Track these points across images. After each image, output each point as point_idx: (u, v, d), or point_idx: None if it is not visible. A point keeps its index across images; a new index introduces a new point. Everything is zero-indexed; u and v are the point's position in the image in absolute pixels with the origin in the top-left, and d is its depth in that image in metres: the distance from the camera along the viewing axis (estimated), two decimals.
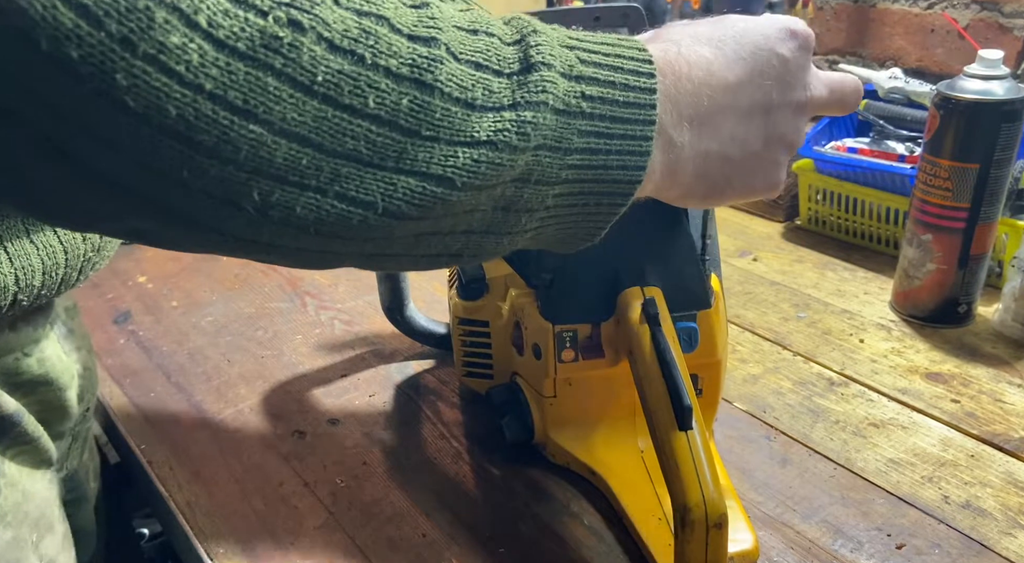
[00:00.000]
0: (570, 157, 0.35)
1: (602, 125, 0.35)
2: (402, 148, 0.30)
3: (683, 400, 0.45)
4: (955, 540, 0.55)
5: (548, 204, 0.36)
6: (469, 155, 0.32)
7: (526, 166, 0.34)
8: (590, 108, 0.35)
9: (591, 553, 0.54)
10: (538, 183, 0.34)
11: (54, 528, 0.55)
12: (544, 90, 0.33)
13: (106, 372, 0.76)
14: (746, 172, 0.42)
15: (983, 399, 0.68)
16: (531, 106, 0.33)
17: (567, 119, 0.34)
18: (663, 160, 0.38)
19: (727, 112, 0.39)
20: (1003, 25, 1.05)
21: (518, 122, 0.32)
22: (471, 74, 0.32)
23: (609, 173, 0.36)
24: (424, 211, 0.32)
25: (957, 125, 0.71)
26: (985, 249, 0.76)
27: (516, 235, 0.36)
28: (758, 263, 0.93)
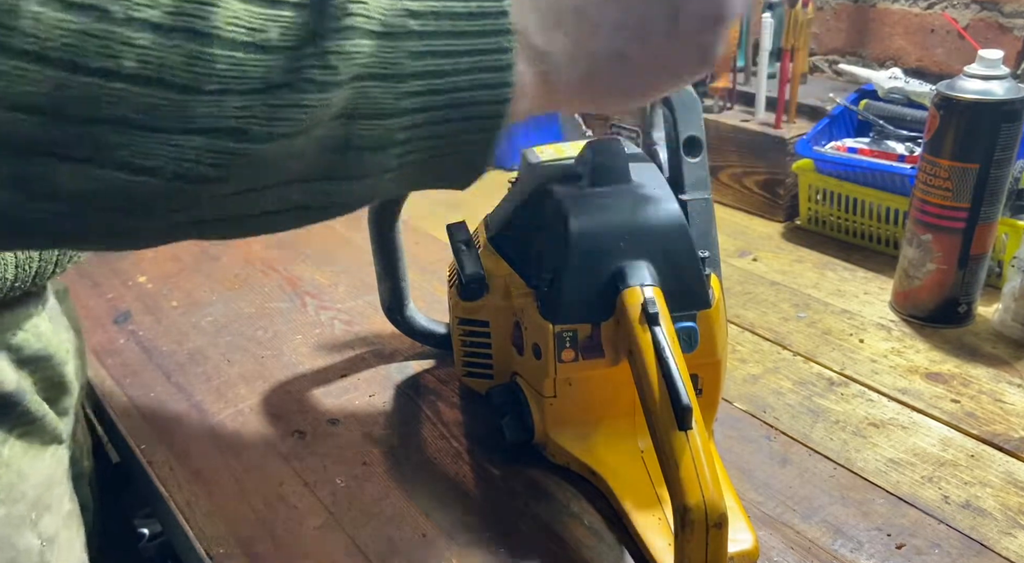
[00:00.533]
0: (406, 84, 0.31)
1: (440, 43, 0.32)
2: (182, 106, 0.27)
3: (683, 400, 0.45)
4: (955, 540, 0.55)
5: (398, 139, 0.32)
6: (264, 100, 0.29)
7: (346, 101, 0.31)
8: (420, 26, 0.31)
9: (591, 553, 0.54)
10: (370, 117, 0.31)
11: (57, 507, 0.55)
12: (350, 14, 0.30)
13: (106, 372, 0.76)
14: (655, 64, 0.38)
15: (983, 399, 0.68)
16: (336, 34, 0.29)
17: (391, 42, 0.31)
18: (535, 72, 0.35)
19: (602, 3, 0.35)
20: (1003, 25, 1.05)
21: (321, 55, 0.29)
22: (261, 12, 0.28)
23: (465, 95, 0.32)
24: (224, 169, 0.29)
25: (957, 125, 0.71)
26: (985, 249, 0.76)
27: (371, 178, 0.33)
28: (758, 263, 0.93)
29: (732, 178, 1.06)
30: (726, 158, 1.06)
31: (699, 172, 0.59)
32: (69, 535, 0.56)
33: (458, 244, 0.64)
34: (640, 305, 0.50)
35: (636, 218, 0.54)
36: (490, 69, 0.33)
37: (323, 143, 0.31)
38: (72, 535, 0.57)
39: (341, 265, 0.93)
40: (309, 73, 0.29)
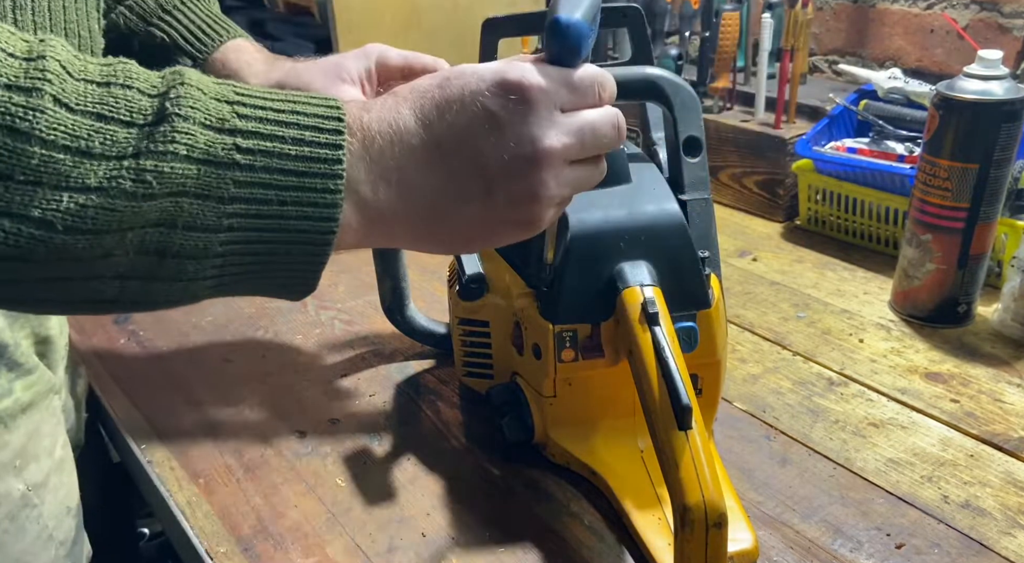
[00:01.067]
0: (229, 206, 0.36)
1: (267, 177, 0.36)
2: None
3: (682, 400, 0.45)
4: (954, 540, 0.55)
5: (218, 251, 0.37)
6: (75, 200, 0.33)
7: (163, 213, 0.35)
8: (247, 160, 0.36)
9: (591, 553, 0.54)
10: (190, 229, 0.35)
11: (46, 455, 0.58)
12: (173, 140, 0.34)
13: (106, 372, 0.76)
14: (479, 226, 0.42)
15: (982, 399, 0.69)
16: (155, 155, 0.34)
17: (215, 169, 0.35)
18: (360, 215, 0.39)
19: (424, 169, 0.40)
20: (1002, 25, 1.05)
21: (136, 170, 0.34)
22: (89, 124, 0.33)
23: (290, 223, 0.37)
24: (24, 252, 0.33)
25: (957, 125, 0.71)
26: (984, 249, 0.76)
27: (192, 282, 0.37)
28: (758, 263, 0.93)
29: (732, 178, 1.06)
30: (726, 158, 1.06)
31: (699, 172, 0.59)
32: (60, 479, 0.60)
33: None
34: (640, 305, 0.50)
35: (636, 218, 0.54)
36: (318, 205, 0.37)
37: (139, 246, 0.35)
38: (64, 479, 0.61)
39: (341, 265, 0.94)
40: (122, 184, 0.34)
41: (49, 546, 0.58)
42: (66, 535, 0.60)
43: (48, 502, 0.58)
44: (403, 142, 0.40)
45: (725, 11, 1.07)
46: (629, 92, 0.56)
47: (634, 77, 0.56)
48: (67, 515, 0.61)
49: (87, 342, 0.80)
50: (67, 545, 0.60)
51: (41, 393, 0.59)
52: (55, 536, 0.59)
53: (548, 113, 0.41)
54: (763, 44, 1.02)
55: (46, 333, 0.62)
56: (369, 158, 0.39)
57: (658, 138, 0.66)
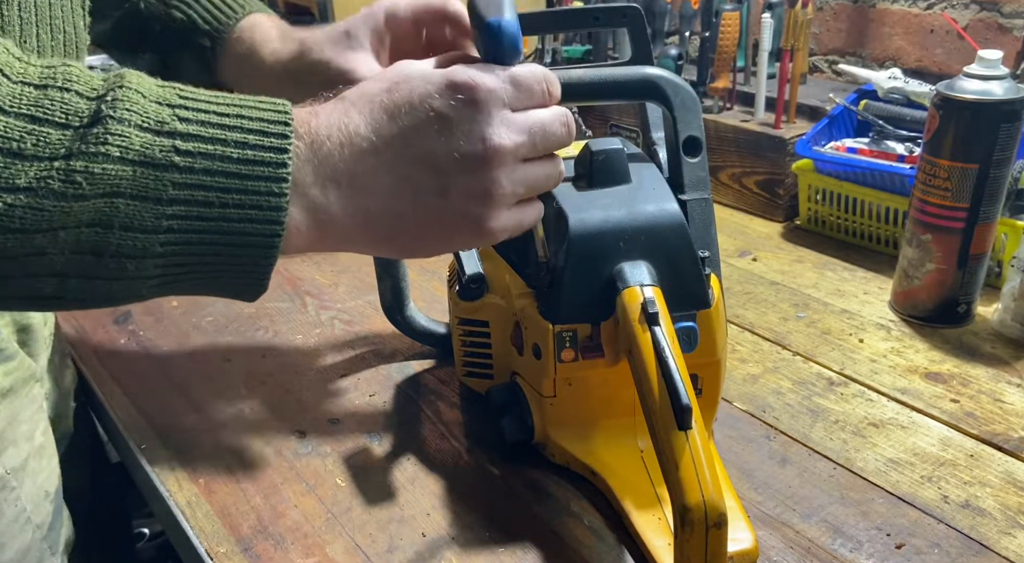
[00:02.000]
0: (168, 207, 0.36)
1: (208, 179, 0.36)
2: None
3: (682, 400, 0.45)
4: (954, 540, 0.55)
5: (159, 252, 0.37)
6: (3, 199, 0.34)
7: (97, 213, 0.35)
8: (186, 163, 0.36)
9: (591, 553, 0.54)
10: (127, 229, 0.36)
11: (25, 441, 0.59)
12: (105, 142, 0.35)
13: (106, 372, 0.76)
14: (433, 228, 0.42)
15: (982, 399, 0.69)
16: (86, 156, 0.34)
17: (152, 171, 0.36)
18: (309, 218, 0.40)
19: (378, 172, 0.40)
20: (1002, 25, 1.05)
21: (66, 171, 0.34)
22: (21, 126, 0.34)
23: (233, 226, 0.37)
24: None
25: (957, 125, 0.71)
26: (984, 249, 0.76)
27: (134, 281, 0.37)
28: (758, 263, 0.93)
29: (732, 178, 1.06)
30: (726, 158, 1.06)
31: (699, 172, 0.59)
32: (40, 464, 0.61)
33: None
34: (640, 305, 0.50)
35: (635, 218, 0.54)
36: (261, 208, 0.37)
37: (76, 246, 0.36)
38: (43, 463, 0.61)
39: (341, 265, 0.94)
40: (51, 184, 0.34)
41: (26, 529, 0.58)
42: (43, 519, 0.61)
43: (26, 486, 0.59)
44: (353, 145, 0.40)
45: (725, 11, 1.07)
46: (629, 92, 0.56)
47: (634, 77, 0.56)
48: (45, 499, 0.61)
49: (87, 342, 0.80)
50: (43, 529, 0.61)
51: (21, 379, 0.59)
52: (32, 519, 0.59)
53: (497, 112, 0.42)
54: (763, 44, 1.02)
55: (27, 322, 0.62)
56: (317, 161, 0.39)
57: (658, 138, 0.66)
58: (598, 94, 0.55)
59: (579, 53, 1.25)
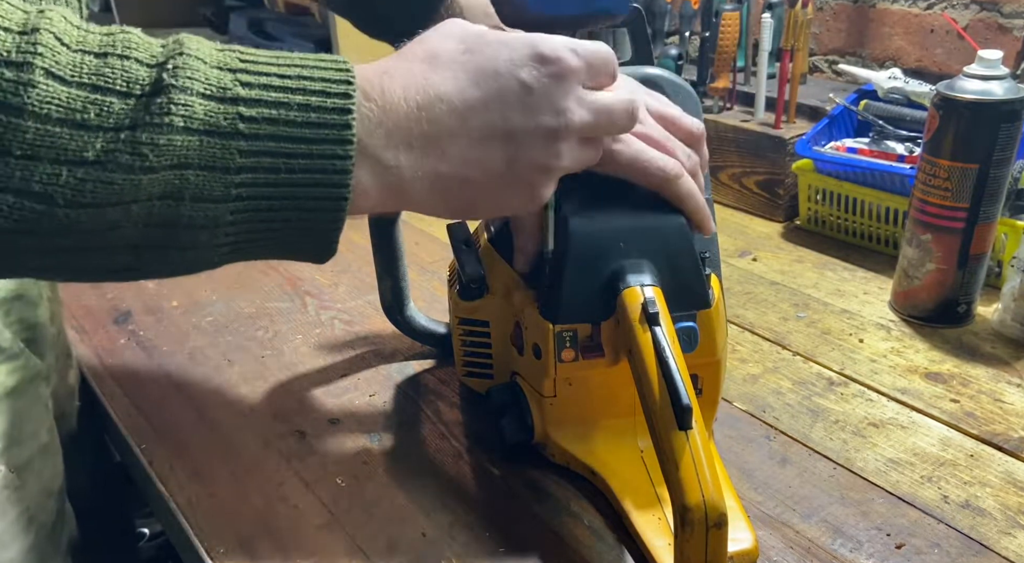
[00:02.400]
0: (236, 176, 0.35)
1: (274, 145, 0.36)
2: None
3: (683, 400, 0.45)
4: (954, 540, 0.55)
5: (229, 220, 0.36)
6: (74, 174, 0.33)
7: (166, 185, 0.34)
8: (251, 129, 0.35)
9: (591, 553, 0.54)
10: (198, 200, 0.35)
11: (30, 440, 0.59)
12: (169, 112, 0.34)
13: (106, 372, 0.76)
14: (493, 192, 0.42)
15: (982, 399, 0.69)
16: (151, 128, 0.33)
17: (218, 140, 0.35)
18: (377, 180, 0.39)
19: (455, 136, 0.40)
20: (1003, 25, 1.05)
21: (133, 142, 0.33)
22: (84, 96, 0.33)
23: (301, 191, 0.37)
24: (27, 225, 0.33)
25: (957, 125, 0.71)
26: (985, 249, 0.76)
27: (206, 250, 0.37)
28: (758, 263, 0.93)
29: (732, 178, 1.06)
30: (726, 158, 1.06)
31: None
32: (44, 462, 0.61)
33: (459, 244, 0.64)
34: (640, 305, 0.50)
35: (636, 218, 0.54)
36: (326, 172, 0.37)
37: (148, 219, 0.35)
38: (48, 462, 0.61)
39: (341, 265, 0.94)
40: (119, 157, 0.33)
41: (30, 528, 0.58)
42: (48, 518, 0.61)
43: (31, 484, 0.59)
44: (431, 109, 0.39)
45: (725, 11, 1.07)
46: None
47: (634, 77, 0.56)
48: (50, 498, 0.61)
49: (87, 342, 0.80)
50: (48, 527, 0.61)
51: (26, 378, 0.59)
52: (36, 518, 0.59)
53: (576, 88, 0.42)
54: (763, 44, 1.02)
55: (35, 320, 0.62)
56: (391, 124, 0.38)
57: None
58: None
59: None
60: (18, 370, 0.59)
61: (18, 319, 0.61)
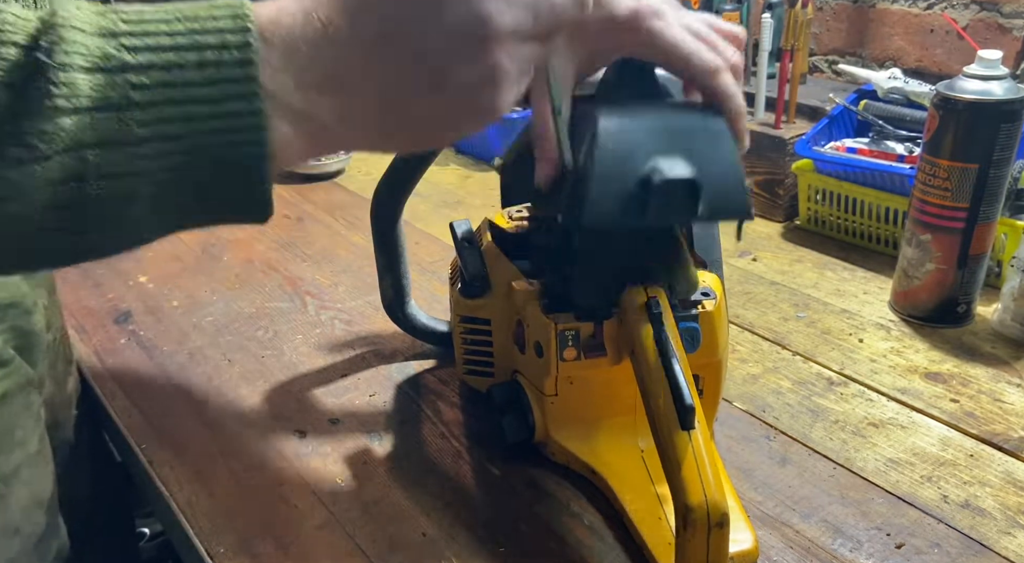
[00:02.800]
0: (141, 147, 0.33)
1: (174, 110, 0.33)
2: None
3: (685, 400, 0.45)
4: (954, 539, 0.55)
5: (148, 192, 0.34)
6: None
7: (66, 169, 0.32)
8: (145, 97, 0.32)
9: (591, 553, 0.54)
10: (105, 177, 0.33)
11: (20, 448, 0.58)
12: (50, 94, 0.31)
13: (106, 372, 0.76)
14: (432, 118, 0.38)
15: (982, 399, 0.69)
16: (35, 116, 0.31)
17: (110, 113, 0.32)
18: (298, 128, 0.36)
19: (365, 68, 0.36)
20: (1002, 25, 1.05)
21: (19, 135, 0.31)
22: None
23: (216, 152, 0.34)
24: None
25: (956, 125, 0.72)
26: (984, 249, 0.76)
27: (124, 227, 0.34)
28: (758, 263, 0.93)
29: None
30: None
31: None
32: (33, 472, 0.60)
33: (461, 242, 0.64)
34: (643, 304, 0.50)
35: (672, 116, 0.48)
36: (239, 131, 0.34)
37: (54, 203, 0.32)
38: (38, 472, 0.60)
39: (341, 265, 0.93)
40: (8, 151, 0.31)
41: (14, 540, 0.57)
42: (34, 529, 0.60)
43: (17, 494, 0.58)
44: (333, 42, 0.35)
45: (725, 11, 1.07)
46: None
47: None
48: (38, 508, 0.60)
49: (87, 342, 0.80)
50: (33, 539, 0.59)
51: (16, 386, 0.59)
52: (22, 529, 0.58)
53: None
54: (763, 44, 1.02)
55: (28, 328, 0.61)
56: (294, 67, 0.35)
57: None
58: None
59: None
60: (6, 376, 0.58)
61: (10, 327, 0.60)
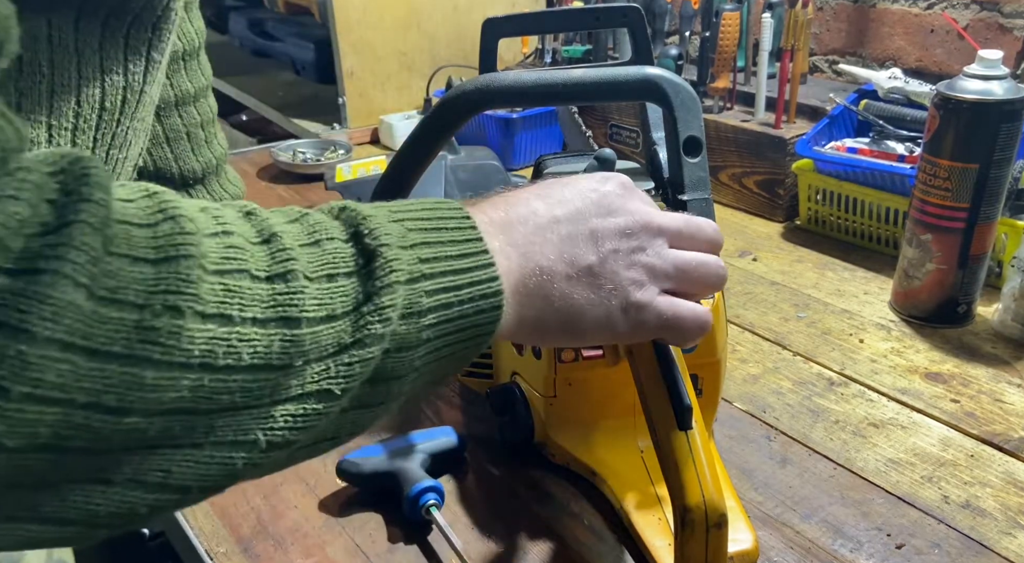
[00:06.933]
0: (424, 318, 0.35)
1: (447, 280, 0.36)
2: (276, 383, 0.30)
3: (683, 400, 0.45)
4: (955, 540, 0.55)
5: (416, 366, 0.36)
6: (340, 361, 0.32)
7: (387, 341, 0.34)
8: (429, 269, 0.36)
9: (591, 553, 0.54)
10: (401, 351, 0.35)
11: None
12: (393, 269, 0.34)
13: None
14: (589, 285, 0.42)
15: (983, 399, 0.68)
16: (383, 291, 0.33)
17: (415, 285, 0.35)
18: (511, 329, 0.40)
19: (548, 234, 0.41)
20: (1003, 25, 1.05)
21: (378, 310, 0.33)
22: (326, 288, 0.32)
23: (468, 320, 0.37)
24: (307, 430, 0.32)
25: (957, 125, 0.71)
26: (985, 249, 0.76)
27: (391, 403, 0.37)
28: (758, 263, 0.93)
29: (732, 178, 1.06)
30: (726, 158, 1.06)
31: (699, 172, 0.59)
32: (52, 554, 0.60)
33: None
34: None
35: None
36: (487, 296, 0.37)
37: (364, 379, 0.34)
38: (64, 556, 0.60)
39: None
40: (371, 328, 0.33)
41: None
42: None
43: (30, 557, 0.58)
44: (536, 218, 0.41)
45: (725, 11, 1.07)
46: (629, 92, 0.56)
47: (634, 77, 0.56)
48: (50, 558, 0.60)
49: None
50: None
51: None
52: None
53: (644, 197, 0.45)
54: (763, 44, 1.02)
55: None
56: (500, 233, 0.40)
57: (658, 138, 0.66)
58: (598, 94, 0.55)
59: (579, 53, 1.25)
60: None
61: None
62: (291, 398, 0.31)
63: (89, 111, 0.42)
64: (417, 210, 0.38)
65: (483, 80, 0.51)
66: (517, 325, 0.40)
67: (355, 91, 1.35)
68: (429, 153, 0.66)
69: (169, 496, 0.29)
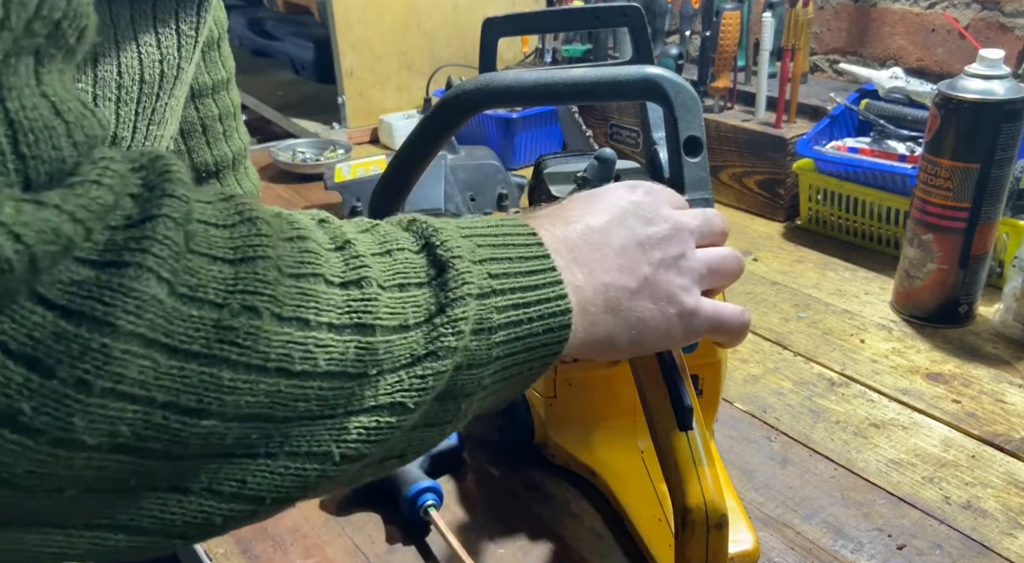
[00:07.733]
0: (495, 335, 0.35)
1: (516, 297, 0.36)
2: (350, 393, 0.30)
3: (683, 401, 0.45)
4: (956, 541, 0.55)
5: (485, 384, 0.36)
6: (414, 373, 0.32)
7: (459, 355, 0.34)
8: (499, 285, 0.36)
9: (591, 553, 0.54)
10: (471, 367, 0.34)
11: None
12: (465, 282, 0.34)
13: None
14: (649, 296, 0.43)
15: (984, 399, 0.68)
16: (456, 303, 0.33)
17: (486, 300, 0.35)
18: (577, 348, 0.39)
19: (605, 249, 0.41)
20: (1004, 25, 1.05)
21: (451, 323, 0.33)
22: (398, 297, 0.32)
23: (537, 338, 0.37)
24: (380, 444, 0.32)
25: (958, 125, 0.71)
26: (986, 249, 0.76)
27: (458, 421, 0.36)
28: (758, 263, 0.93)
29: (732, 178, 1.06)
30: (726, 158, 1.06)
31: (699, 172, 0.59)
32: None
33: None
34: None
35: None
36: (555, 314, 0.37)
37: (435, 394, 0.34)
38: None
39: None
40: (445, 341, 0.33)
41: None
42: None
43: None
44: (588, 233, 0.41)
45: (726, 10, 1.07)
46: (629, 92, 0.56)
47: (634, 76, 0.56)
48: None
49: None
50: None
51: None
52: None
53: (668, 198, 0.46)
54: (764, 43, 1.02)
55: None
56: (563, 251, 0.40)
57: (659, 138, 0.66)
58: (598, 94, 0.55)
59: (579, 52, 1.25)
60: None
61: None
62: (365, 410, 0.31)
63: (130, 82, 0.42)
64: (483, 227, 0.38)
65: (483, 79, 0.51)
66: (582, 342, 0.39)
67: (355, 91, 1.35)
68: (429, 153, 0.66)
69: (243, 507, 0.29)
